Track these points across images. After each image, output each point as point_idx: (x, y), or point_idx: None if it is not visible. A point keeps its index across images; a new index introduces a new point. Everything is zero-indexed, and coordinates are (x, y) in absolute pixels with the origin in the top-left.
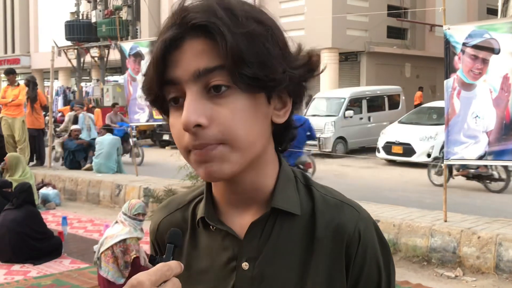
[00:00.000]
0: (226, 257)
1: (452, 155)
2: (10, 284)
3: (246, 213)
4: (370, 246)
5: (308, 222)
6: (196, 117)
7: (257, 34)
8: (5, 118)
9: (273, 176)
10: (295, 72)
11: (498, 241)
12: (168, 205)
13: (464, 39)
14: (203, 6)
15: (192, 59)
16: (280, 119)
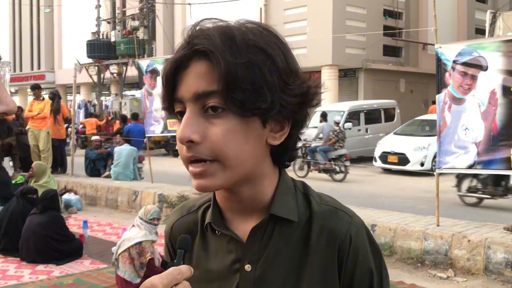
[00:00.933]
0: (231, 260)
1: (444, 164)
2: (34, 283)
3: (248, 220)
4: (361, 250)
5: (304, 228)
6: (189, 133)
7: (254, 62)
8: (31, 130)
9: (271, 187)
10: (290, 101)
11: (487, 244)
12: (181, 209)
13: (455, 56)
14: (208, 33)
15: (194, 80)
16: (275, 141)
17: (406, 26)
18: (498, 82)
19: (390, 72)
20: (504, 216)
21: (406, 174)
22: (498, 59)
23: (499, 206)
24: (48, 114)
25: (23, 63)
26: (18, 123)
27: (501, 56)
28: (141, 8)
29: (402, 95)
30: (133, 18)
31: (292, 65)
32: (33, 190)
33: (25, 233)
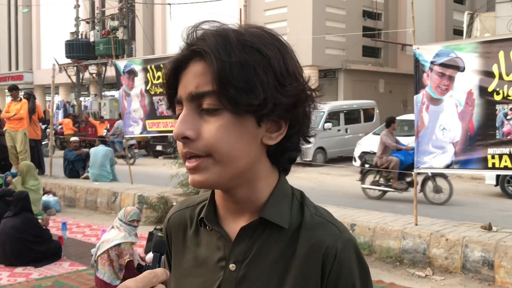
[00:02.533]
0: (218, 257)
1: (422, 164)
2: (13, 285)
3: (240, 220)
4: (346, 266)
5: (293, 235)
6: (184, 129)
7: (247, 61)
8: (8, 131)
9: (267, 191)
10: (284, 100)
11: (464, 243)
12: (182, 203)
13: (432, 57)
14: (204, 35)
15: (191, 80)
16: (270, 141)
17: (385, 27)
18: (475, 82)
19: (370, 72)
20: (402, 207)
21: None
22: (475, 60)
23: (401, 198)
24: (25, 115)
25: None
26: None
27: (478, 57)
28: (121, 8)
29: (382, 96)
30: (112, 18)
31: (291, 68)
32: (11, 193)
33: (0, 237)
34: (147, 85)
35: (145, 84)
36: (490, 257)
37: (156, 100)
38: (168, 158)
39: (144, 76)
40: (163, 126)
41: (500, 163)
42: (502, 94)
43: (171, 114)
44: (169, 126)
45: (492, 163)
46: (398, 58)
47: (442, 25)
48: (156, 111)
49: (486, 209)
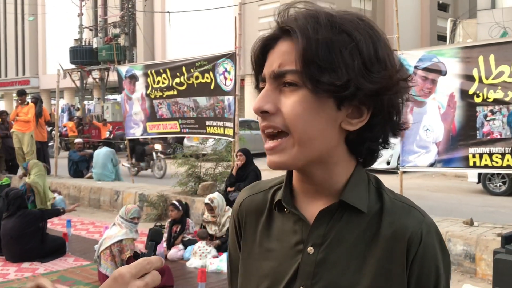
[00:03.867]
0: (295, 240)
1: (407, 163)
2: (20, 280)
3: (318, 203)
4: (430, 249)
5: (374, 220)
6: (263, 104)
7: (334, 41)
8: (16, 133)
9: (345, 175)
10: (367, 86)
11: (447, 238)
12: (253, 187)
13: (416, 62)
14: (295, 14)
15: (276, 58)
16: (350, 127)
17: None
18: (456, 86)
19: None
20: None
21: (373, 172)
22: (456, 65)
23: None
24: (32, 118)
25: (8, 69)
26: (4, 127)
27: (459, 62)
28: (122, 16)
29: None
30: (114, 25)
31: (381, 55)
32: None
33: (4, 238)
34: (148, 89)
35: (145, 88)
36: (472, 250)
37: (156, 103)
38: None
39: (145, 81)
40: (162, 128)
41: (480, 162)
42: (482, 96)
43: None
44: (168, 128)
45: (473, 162)
46: None
47: (427, 31)
48: (156, 114)
49: (468, 205)
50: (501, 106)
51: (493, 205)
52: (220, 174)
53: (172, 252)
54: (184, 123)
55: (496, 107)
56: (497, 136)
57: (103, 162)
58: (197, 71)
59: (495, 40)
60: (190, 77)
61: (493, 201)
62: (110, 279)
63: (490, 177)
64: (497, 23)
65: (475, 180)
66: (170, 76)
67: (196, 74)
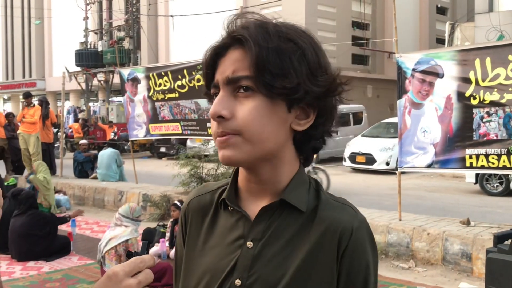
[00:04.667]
0: (236, 236)
1: (405, 164)
2: (25, 278)
3: (261, 201)
4: (361, 243)
5: (310, 217)
6: (220, 109)
7: (283, 49)
8: (22, 134)
9: (289, 176)
10: (314, 89)
11: (444, 237)
12: (200, 189)
13: (414, 65)
14: (245, 24)
15: (229, 65)
16: (299, 127)
17: (373, 37)
18: (453, 88)
19: (358, 79)
20: (387, 204)
21: (373, 173)
22: (453, 67)
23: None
24: (38, 120)
25: (15, 71)
26: (10, 128)
27: (456, 65)
28: (127, 20)
29: (370, 100)
30: (119, 29)
31: (322, 61)
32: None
33: (12, 235)
34: (150, 92)
35: (147, 90)
36: (468, 250)
37: (158, 105)
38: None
39: (147, 83)
40: (165, 130)
41: (477, 163)
42: (479, 98)
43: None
44: (170, 130)
45: (470, 163)
46: (385, 65)
47: (425, 34)
48: (158, 116)
49: (466, 205)
50: (497, 108)
51: (490, 205)
52: (222, 174)
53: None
54: (185, 125)
55: (492, 109)
56: (493, 137)
57: (107, 163)
58: (198, 73)
59: (492, 43)
60: (191, 79)
61: (490, 201)
62: (104, 277)
63: (488, 177)
64: (494, 26)
65: (473, 181)
66: (172, 78)
67: (197, 76)
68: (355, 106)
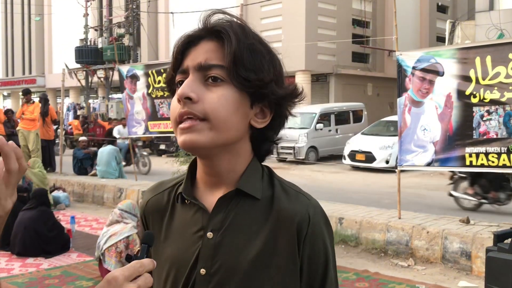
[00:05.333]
0: (196, 228)
1: (404, 162)
2: (24, 275)
3: (217, 193)
4: (318, 228)
5: (267, 205)
6: (189, 91)
7: (257, 49)
8: (21, 131)
9: (243, 166)
10: (278, 92)
11: (444, 235)
12: (157, 187)
13: (414, 63)
14: (224, 20)
15: (201, 54)
16: (257, 124)
17: (373, 35)
18: (453, 86)
19: (359, 77)
20: (387, 202)
21: (373, 171)
22: (453, 65)
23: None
24: (37, 117)
25: (15, 68)
26: (10, 124)
27: (456, 63)
28: (127, 17)
29: (370, 98)
30: (119, 26)
31: (282, 71)
32: (23, 189)
33: (17, 227)
34: (149, 89)
35: (146, 87)
36: (468, 248)
37: (157, 102)
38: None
39: (146, 81)
40: (163, 127)
41: (477, 161)
42: (479, 97)
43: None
44: (169, 127)
45: (470, 161)
46: (385, 63)
47: (426, 32)
48: (157, 113)
49: None
50: (497, 106)
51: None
52: None
53: None
54: None
55: (493, 107)
56: (493, 136)
57: (107, 160)
58: None
59: (492, 42)
60: None
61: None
62: (103, 281)
63: None
64: (494, 25)
65: None
66: None
67: None
68: (355, 104)
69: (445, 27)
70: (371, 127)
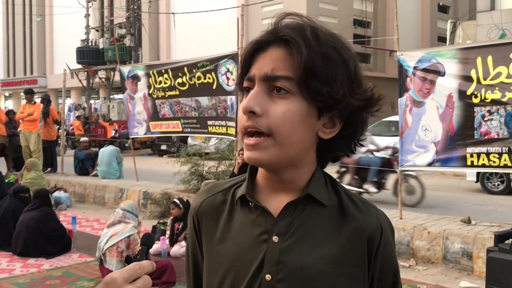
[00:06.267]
0: (259, 231)
1: (406, 162)
2: (25, 275)
3: (282, 198)
4: (388, 239)
5: (335, 212)
6: (253, 104)
7: (331, 58)
8: (22, 132)
9: (308, 175)
10: (354, 102)
11: (445, 236)
12: (211, 189)
13: (415, 63)
14: (295, 24)
15: (268, 62)
16: (324, 135)
17: (374, 35)
18: (455, 86)
19: None
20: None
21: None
22: (454, 66)
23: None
24: (38, 117)
25: (16, 68)
26: (11, 125)
27: (457, 63)
28: (128, 17)
29: None
30: (120, 26)
31: (359, 74)
32: (25, 189)
33: (19, 227)
34: (150, 89)
35: (147, 88)
36: (469, 248)
37: (159, 103)
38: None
39: (147, 81)
40: (165, 128)
41: (478, 161)
42: (480, 97)
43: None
44: (171, 128)
45: (471, 161)
46: (386, 63)
47: (427, 32)
48: (158, 114)
49: (467, 204)
50: (498, 106)
51: (491, 203)
52: (223, 172)
53: (175, 249)
54: (186, 123)
55: (494, 107)
56: (494, 136)
57: (108, 160)
58: (199, 71)
59: (493, 42)
60: (192, 77)
61: (491, 200)
62: (102, 283)
63: (489, 176)
64: (496, 25)
65: (474, 179)
66: (172, 76)
67: (198, 74)
68: None
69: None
70: (372, 127)
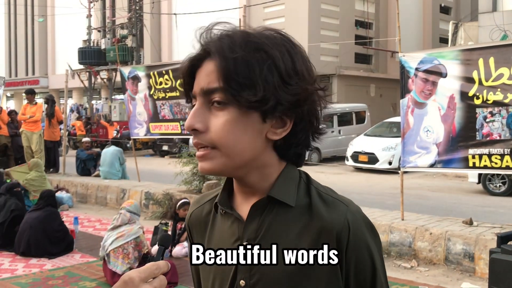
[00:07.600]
0: (234, 239)
1: (407, 163)
2: (28, 275)
3: (252, 202)
4: (360, 234)
5: (303, 213)
6: (194, 122)
7: (249, 59)
8: (24, 132)
9: (275, 174)
10: (287, 98)
11: (447, 237)
12: (200, 199)
13: (417, 64)
14: (214, 36)
15: (203, 77)
16: (275, 136)
17: (376, 36)
18: (456, 88)
19: (361, 78)
20: (390, 203)
21: (375, 172)
22: (456, 67)
23: (389, 195)
24: (40, 118)
25: (18, 69)
26: (13, 125)
27: (459, 64)
28: (130, 18)
29: (372, 99)
30: (122, 27)
31: (299, 68)
32: (16, 184)
33: (23, 226)
34: (150, 90)
35: (148, 89)
36: (471, 249)
37: (159, 104)
38: (173, 157)
39: (147, 82)
40: (165, 129)
41: (480, 163)
42: (482, 98)
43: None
44: (170, 129)
45: (473, 163)
46: (388, 64)
47: (429, 33)
48: (158, 115)
49: (468, 205)
50: (500, 108)
51: (492, 205)
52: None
53: (177, 249)
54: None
55: (496, 108)
56: (496, 137)
57: (110, 161)
58: None
59: (495, 43)
60: None
61: (492, 201)
62: (120, 282)
63: (490, 177)
64: (498, 26)
65: (475, 181)
66: (173, 77)
67: None
68: (358, 105)
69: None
70: (374, 128)
